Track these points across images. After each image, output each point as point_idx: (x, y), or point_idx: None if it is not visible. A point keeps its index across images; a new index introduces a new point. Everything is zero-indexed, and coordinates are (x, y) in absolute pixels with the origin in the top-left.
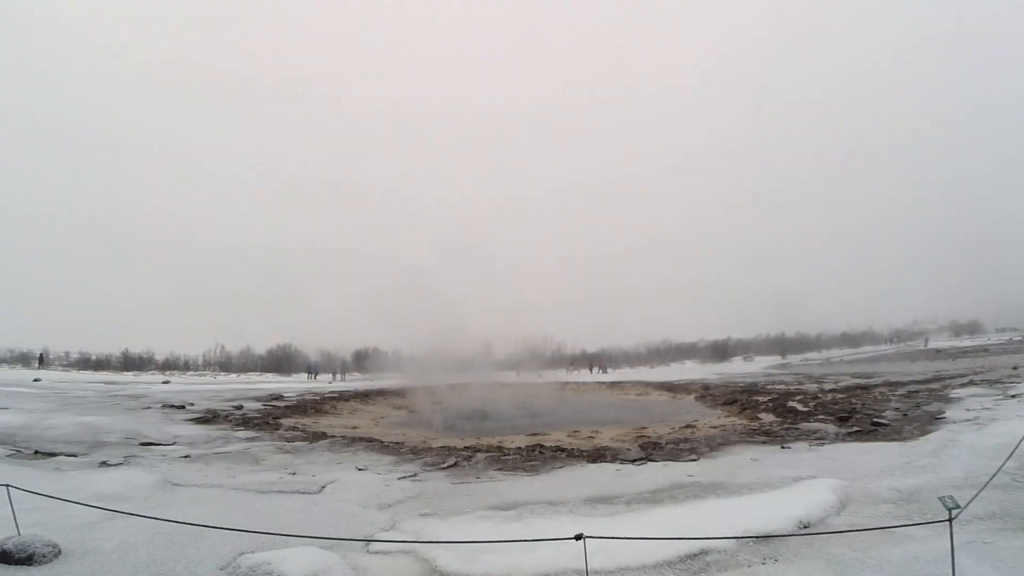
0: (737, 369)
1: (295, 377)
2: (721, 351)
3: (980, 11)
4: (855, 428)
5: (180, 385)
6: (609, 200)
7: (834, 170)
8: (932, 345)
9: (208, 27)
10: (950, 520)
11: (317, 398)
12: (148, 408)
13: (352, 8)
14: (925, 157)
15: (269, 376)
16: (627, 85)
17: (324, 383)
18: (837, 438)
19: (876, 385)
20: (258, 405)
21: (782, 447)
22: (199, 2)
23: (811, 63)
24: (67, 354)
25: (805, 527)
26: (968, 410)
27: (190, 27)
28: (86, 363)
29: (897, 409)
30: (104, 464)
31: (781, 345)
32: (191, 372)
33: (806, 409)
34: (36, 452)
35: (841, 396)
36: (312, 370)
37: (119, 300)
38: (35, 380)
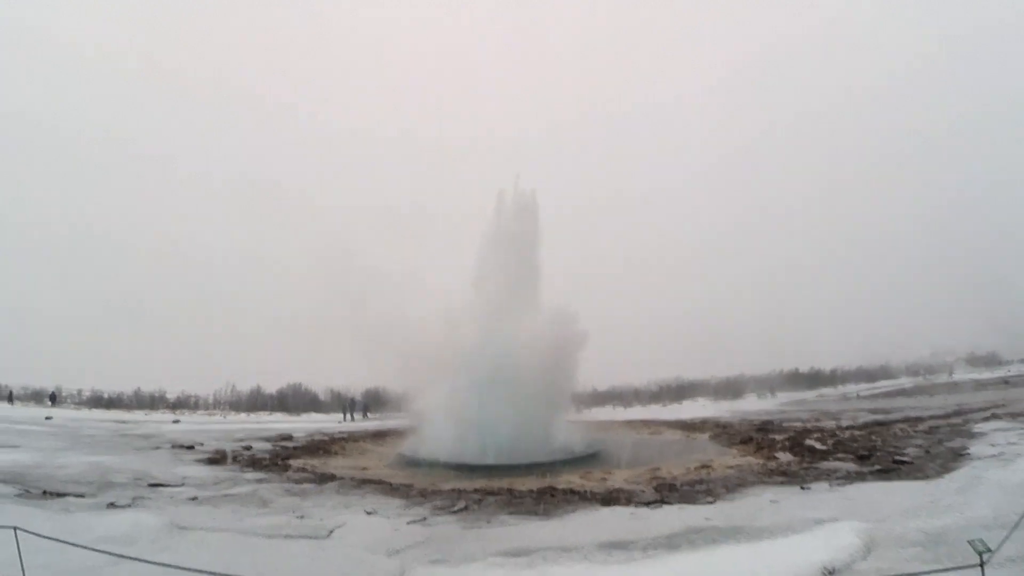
0: (751, 406)
1: (305, 417)
2: (734, 388)
3: (1009, 10)
4: (876, 466)
5: (190, 424)
6: (611, 224)
7: (847, 195)
8: (955, 378)
9: (199, 38)
10: (981, 564)
11: (326, 438)
12: (158, 448)
13: (360, 29)
14: (941, 183)
15: (279, 415)
16: (634, 101)
17: (360, 421)
18: (858, 477)
19: (895, 421)
20: (267, 445)
21: (801, 487)
22: (194, 12)
23: (822, 75)
24: (79, 392)
25: (830, 574)
26: (992, 445)
27: (183, 37)
28: (98, 401)
29: (919, 446)
30: (112, 505)
31: (770, 384)
32: (201, 411)
33: (824, 447)
34: (45, 492)
35: (860, 433)
36: (350, 408)
37: (133, 338)
38: (47, 418)
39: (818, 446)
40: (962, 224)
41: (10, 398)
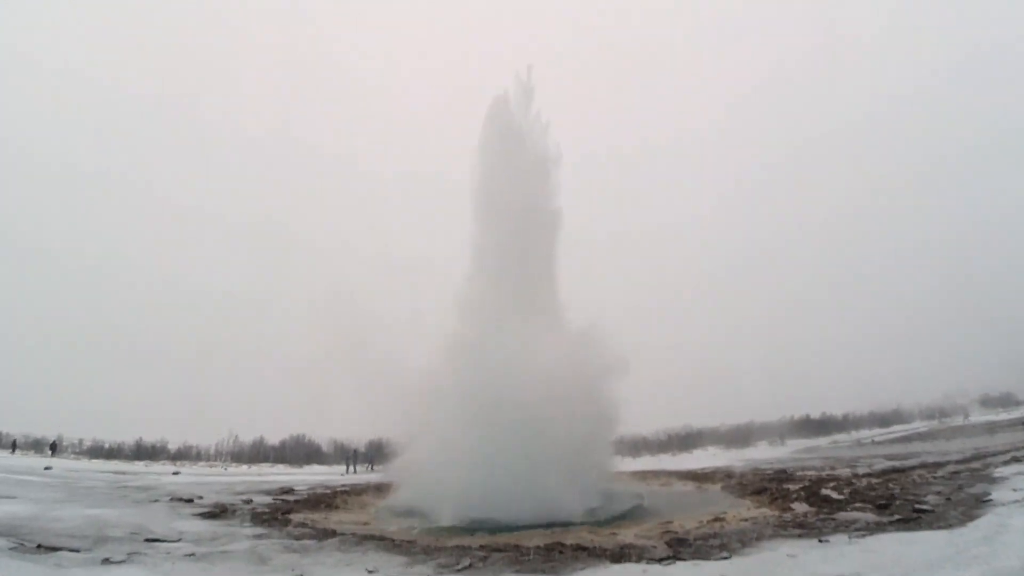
0: (763, 454)
1: (307, 469)
2: (744, 435)
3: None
4: (896, 516)
5: (190, 476)
6: (614, 267)
7: (852, 236)
8: (971, 420)
9: (215, 88)
10: None
11: (328, 492)
12: (156, 501)
13: (366, 69)
14: (948, 221)
15: (281, 468)
16: (615, 144)
17: (364, 474)
18: (878, 528)
19: (913, 467)
20: (268, 499)
21: (820, 540)
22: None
23: (822, 106)
24: (80, 441)
25: None
26: (1015, 490)
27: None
28: (99, 451)
29: (939, 493)
30: (106, 561)
31: (780, 431)
32: (202, 462)
33: (841, 496)
34: (39, 546)
35: (877, 480)
36: (353, 459)
37: (137, 388)
38: (46, 468)
39: (835, 495)
40: (970, 261)
41: (13, 447)
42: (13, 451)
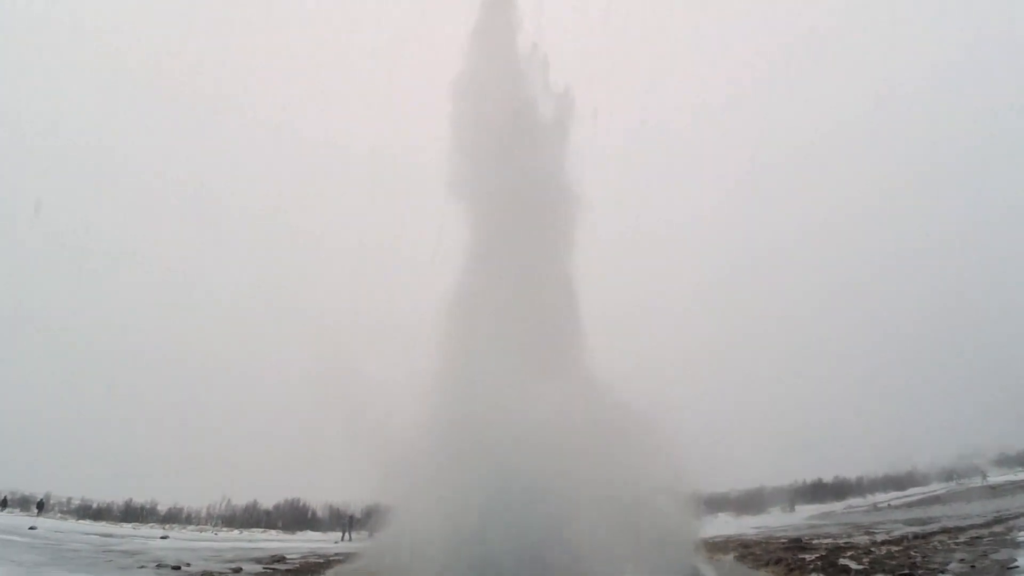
0: (776, 521)
1: (300, 535)
2: (755, 501)
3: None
4: None
5: (179, 541)
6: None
7: (858, 290)
8: (990, 481)
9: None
10: None
11: (321, 561)
12: (142, 567)
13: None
14: (957, 269)
15: (273, 533)
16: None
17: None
18: None
19: (933, 532)
20: (258, 568)
21: None
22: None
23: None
24: (69, 500)
25: None
26: None
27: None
28: (86, 511)
29: (962, 560)
30: None
31: (792, 496)
32: (192, 526)
33: (860, 566)
34: None
35: (897, 548)
36: (348, 526)
37: (127, 446)
38: (30, 528)
39: (853, 565)
40: (981, 316)
41: (3, 504)
42: (2, 508)
